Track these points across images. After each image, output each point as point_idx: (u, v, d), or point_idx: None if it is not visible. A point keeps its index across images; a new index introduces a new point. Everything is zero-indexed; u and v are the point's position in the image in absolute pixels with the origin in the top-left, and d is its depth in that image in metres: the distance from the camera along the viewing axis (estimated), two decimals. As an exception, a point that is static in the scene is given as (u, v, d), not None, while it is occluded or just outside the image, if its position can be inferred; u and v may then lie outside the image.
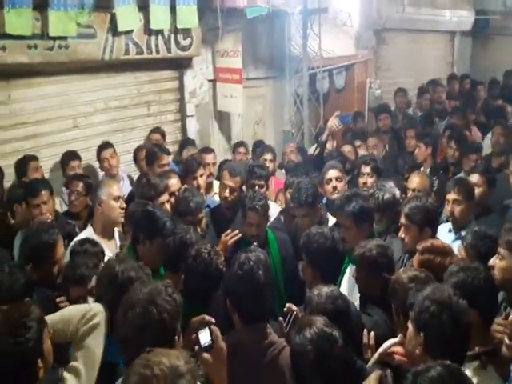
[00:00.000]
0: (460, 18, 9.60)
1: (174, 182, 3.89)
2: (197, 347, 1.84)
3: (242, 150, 5.53)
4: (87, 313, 2.10)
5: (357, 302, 2.68)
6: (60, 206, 4.46)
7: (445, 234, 3.37)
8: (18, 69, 4.49)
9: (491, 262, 2.42)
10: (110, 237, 3.45)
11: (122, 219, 3.51)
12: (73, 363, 2.04)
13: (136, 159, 4.99)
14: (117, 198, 3.43)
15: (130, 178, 5.14)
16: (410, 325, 1.99)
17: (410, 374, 1.60)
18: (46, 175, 4.65)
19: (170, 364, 1.43)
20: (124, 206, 3.47)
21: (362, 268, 2.65)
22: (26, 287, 2.45)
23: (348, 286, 2.92)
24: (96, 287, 2.36)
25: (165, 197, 3.67)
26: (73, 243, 3.11)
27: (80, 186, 3.99)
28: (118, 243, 3.45)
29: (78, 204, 3.93)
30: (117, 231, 3.54)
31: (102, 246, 3.06)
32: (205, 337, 1.84)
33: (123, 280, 2.19)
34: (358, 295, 2.72)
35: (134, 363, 1.46)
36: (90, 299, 2.47)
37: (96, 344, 2.07)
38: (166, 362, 1.43)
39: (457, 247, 2.80)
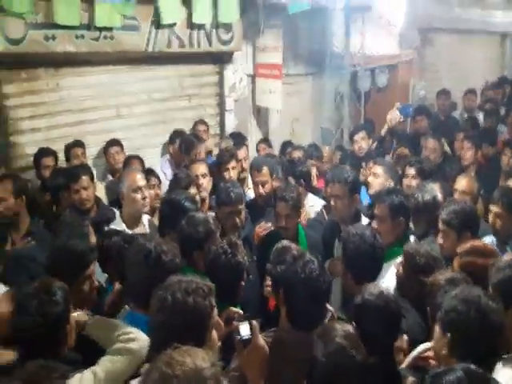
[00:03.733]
0: (512, 19, 9.28)
1: (197, 166, 3.97)
2: (238, 337, 1.86)
3: (262, 145, 5.57)
4: (129, 333, 2.02)
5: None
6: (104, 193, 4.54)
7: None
8: (66, 58, 4.68)
9: None
10: (138, 224, 3.49)
11: (147, 208, 3.53)
12: (96, 368, 1.95)
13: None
14: (137, 189, 3.43)
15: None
16: (436, 325, 1.95)
17: (429, 376, 1.55)
18: (90, 162, 4.83)
19: (193, 366, 1.34)
20: (146, 195, 3.46)
21: (405, 268, 2.60)
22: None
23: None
24: (128, 267, 2.30)
25: (192, 190, 3.66)
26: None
27: (138, 163, 4.17)
28: (148, 231, 3.46)
29: None
30: (146, 219, 3.57)
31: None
32: (245, 330, 1.86)
33: (157, 254, 2.20)
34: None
35: (157, 358, 1.41)
36: None
37: (123, 368, 1.95)
38: (189, 363, 1.35)
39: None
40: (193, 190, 3.68)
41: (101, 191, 4.37)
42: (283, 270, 2.17)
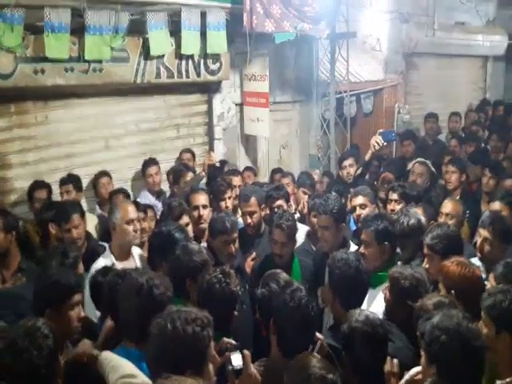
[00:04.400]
0: (493, 42, 9.52)
1: (197, 197, 3.93)
2: (230, 367, 1.87)
3: (247, 173, 5.58)
4: (132, 377, 1.97)
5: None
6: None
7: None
8: (55, 91, 4.70)
9: None
10: (128, 257, 3.45)
11: (138, 240, 3.50)
12: None
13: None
14: (130, 221, 3.40)
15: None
16: (422, 353, 1.97)
17: None
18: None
19: None
20: (138, 227, 3.44)
21: (391, 292, 2.64)
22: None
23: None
24: (121, 303, 2.28)
25: (185, 219, 3.64)
26: (93, 271, 3.04)
27: (123, 197, 4.20)
28: (138, 264, 3.42)
29: None
30: (137, 252, 3.53)
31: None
32: (236, 359, 1.88)
33: (149, 287, 2.20)
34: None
35: None
36: None
37: None
38: None
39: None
40: (185, 219, 3.65)
41: (90, 222, 4.33)
42: (274, 301, 2.21)
